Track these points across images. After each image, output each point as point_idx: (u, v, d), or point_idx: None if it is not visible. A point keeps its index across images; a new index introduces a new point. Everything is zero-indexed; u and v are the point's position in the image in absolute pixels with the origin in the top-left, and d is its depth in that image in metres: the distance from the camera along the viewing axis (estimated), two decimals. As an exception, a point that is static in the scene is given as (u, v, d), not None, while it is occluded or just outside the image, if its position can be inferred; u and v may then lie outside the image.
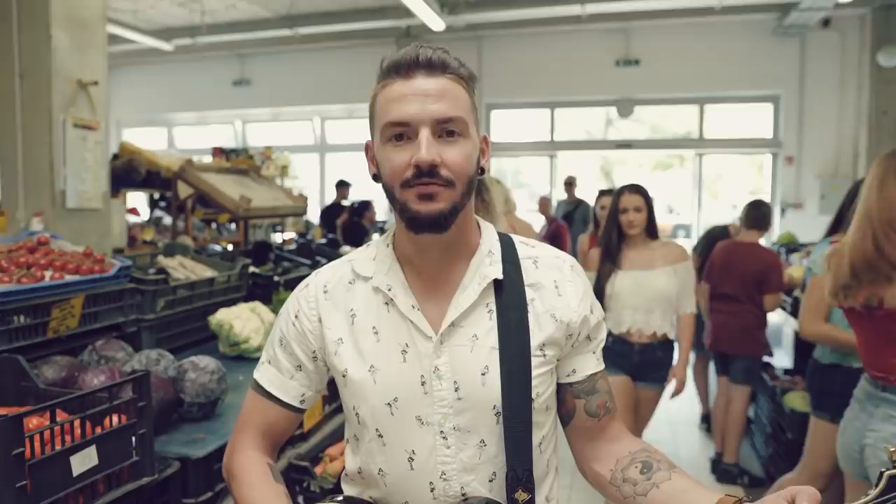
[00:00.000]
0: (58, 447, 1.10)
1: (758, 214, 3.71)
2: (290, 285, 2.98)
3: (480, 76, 8.87)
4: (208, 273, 2.57)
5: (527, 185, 10.33)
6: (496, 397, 0.94)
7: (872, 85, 8.02)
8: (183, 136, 11.39)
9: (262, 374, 1.06)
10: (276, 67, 10.12)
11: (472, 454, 0.95)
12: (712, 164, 9.41)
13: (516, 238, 1.05)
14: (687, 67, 8.53)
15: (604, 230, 2.91)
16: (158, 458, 1.33)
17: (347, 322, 1.00)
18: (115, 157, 4.50)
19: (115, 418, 1.23)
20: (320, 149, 10.65)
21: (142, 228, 4.78)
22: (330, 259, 3.30)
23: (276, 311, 2.53)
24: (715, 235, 4.47)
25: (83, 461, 1.13)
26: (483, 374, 0.95)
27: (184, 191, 3.74)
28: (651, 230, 2.81)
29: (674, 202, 10.06)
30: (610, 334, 2.69)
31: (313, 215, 8.41)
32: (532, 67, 8.78)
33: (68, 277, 1.83)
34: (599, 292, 2.71)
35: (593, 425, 1.03)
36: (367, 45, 9.49)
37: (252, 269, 2.81)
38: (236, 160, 5.03)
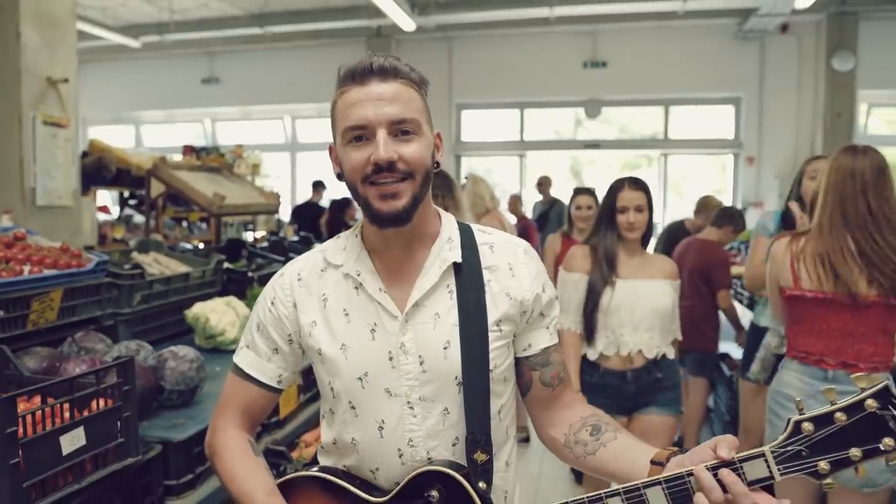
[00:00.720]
0: (48, 427, 1.16)
1: (722, 214, 3.88)
2: (264, 281, 3.02)
3: (450, 76, 9.07)
4: (183, 269, 2.62)
5: (497, 184, 10.46)
6: (457, 369, 1.03)
7: (827, 88, 8.32)
8: (151, 135, 11.27)
9: (242, 357, 1.15)
10: (246, 66, 10.08)
11: (436, 421, 1.04)
12: (679, 164, 9.64)
13: (474, 226, 1.15)
14: (652, 70, 8.74)
15: (595, 231, 2.46)
16: (141, 441, 1.39)
17: (320, 306, 1.09)
18: (85, 154, 4.49)
19: (101, 402, 1.29)
20: (291, 148, 10.64)
21: (112, 226, 4.77)
22: (287, 259, 3.37)
23: (250, 305, 2.59)
24: (674, 230, 4.62)
25: (72, 441, 1.19)
26: (445, 349, 1.04)
27: (156, 189, 3.76)
28: (646, 236, 2.42)
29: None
30: (594, 367, 2.34)
31: (285, 214, 8.43)
32: (502, 68, 8.90)
33: (46, 272, 1.88)
34: (593, 305, 2.34)
35: (548, 394, 1.12)
36: (338, 44, 9.52)
37: (226, 264, 2.86)
38: (207, 158, 5.04)
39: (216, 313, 2.27)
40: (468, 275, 1.07)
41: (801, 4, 7.25)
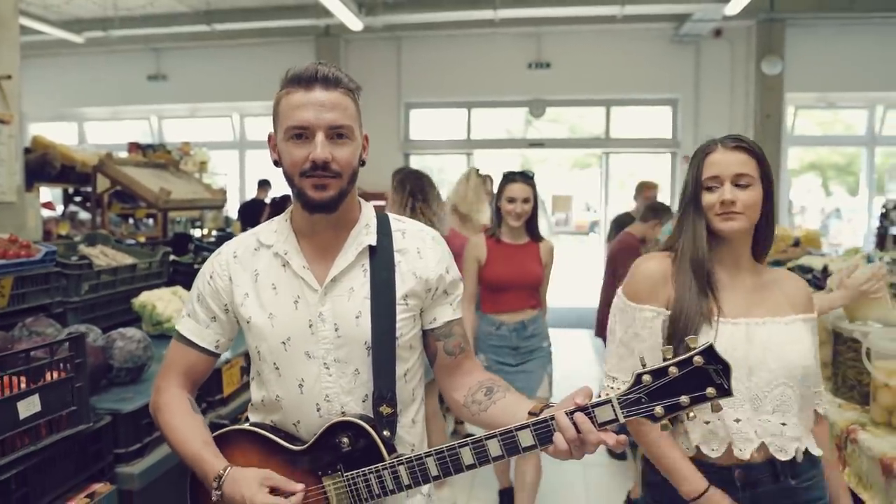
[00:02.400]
0: (6, 394, 1.28)
1: (648, 208, 4.12)
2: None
3: (399, 76, 9.22)
4: (129, 261, 2.71)
5: (449, 181, 10.64)
6: (367, 335, 1.20)
7: (757, 90, 8.78)
8: (95, 131, 11.07)
9: (183, 325, 1.30)
10: (194, 63, 10.01)
11: (348, 380, 1.21)
12: (625, 163, 10.00)
13: (391, 215, 1.32)
14: (594, 71, 9.05)
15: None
16: (93, 411, 1.52)
17: (252, 280, 1.25)
18: (28, 151, 4.48)
19: (54, 374, 1.42)
20: (239, 146, 10.61)
21: (57, 223, 4.76)
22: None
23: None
24: (621, 221, 4.84)
25: (28, 407, 1.31)
26: (357, 318, 1.20)
27: (102, 185, 3.81)
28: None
29: (590, 200, 10.63)
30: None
31: (232, 211, 8.45)
32: (449, 68, 9.09)
33: (-4, 260, 1.97)
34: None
35: (451, 362, 1.29)
36: (286, 42, 9.56)
37: (172, 257, 2.96)
38: (154, 155, 5.08)
39: (162, 301, 2.39)
40: (381, 256, 1.24)
41: (731, 11, 7.64)
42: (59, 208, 5.52)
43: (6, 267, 1.96)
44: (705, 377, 0.99)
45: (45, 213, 5.15)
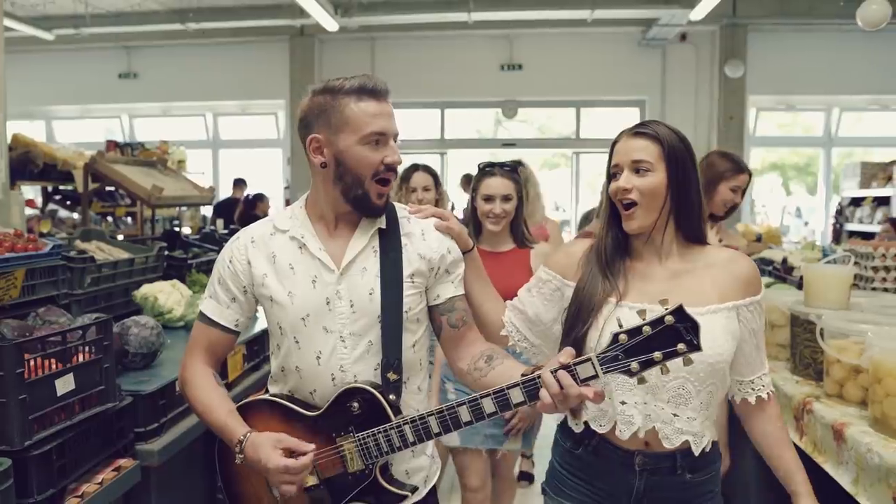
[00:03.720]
0: (46, 372, 1.39)
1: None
2: (201, 267, 3.25)
3: (374, 75, 9.35)
4: (125, 255, 2.80)
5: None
6: (379, 310, 1.33)
7: (721, 93, 9.10)
8: (64, 130, 10.93)
9: (206, 306, 1.43)
10: (166, 61, 9.96)
11: (362, 351, 1.33)
12: (595, 163, 10.23)
13: (396, 204, 1.45)
14: (565, 73, 9.27)
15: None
16: (118, 390, 1.63)
17: (270, 262, 1.37)
18: (9, 149, 4.49)
19: (83, 356, 1.52)
20: (213, 145, 10.60)
21: (39, 220, 4.78)
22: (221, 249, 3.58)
23: (192, 287, 2.80)
24: (588, 217, 5.04)
25: (64, 385, 1.42)
26: (370, 294, 1.33)
27: (79, 182, 3.86)
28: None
29: (560, 200, 10.85)
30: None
31: (207, 209, 8.47)
32: (423, 69, 9.22)
33: (8, 254, 2.05)
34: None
35: (455, 334, 1.42)
36: (261, 42, 9.59)
37: (166, 252, 3.05)
38: (145, 153, 5.13)
39: (164, 293, 2.48)
40: (389, 239, 1.37)
41: (695, 16, 7.92)
42: (39, 205, 5.52)
43: (19, 259, 2.04)
44: (676, 334, 1.08)
45: (27, 210, 5.14)
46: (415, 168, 2.73)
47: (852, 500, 1.75)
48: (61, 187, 5.18)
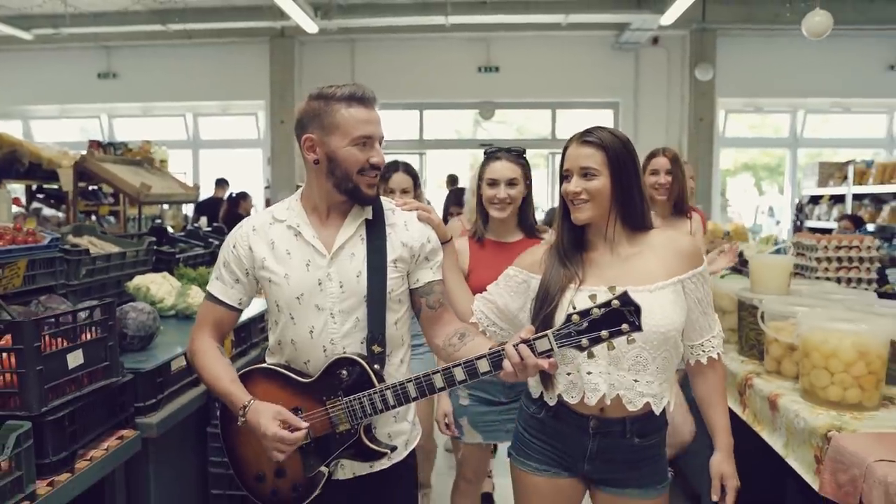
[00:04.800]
0: (59, 347, 1.55)
1: None
2: (188, 262, 3.39)
3: (353, 78, 9.52)
4: (116, 249, 2.93)
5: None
6: (365, 290, 1.50)
7: (691, 95, 9.38)
8: (42, 129, 10.90)
9: (213, 287, 1.60)
10: (145, 61, 10.01)
11: (350, 327, 1.50)
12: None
13: (382, 198, 1.61)
14: (541, 75, 9.51)
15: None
16: (121, 367, 1.78)
17: (269, 248, 1.54)
18: (-5, 148, 4.58)
19: (89, 335, 1.68)
20: (193, 145, 10.67)
21: (24, 218, 4.86)
22: (215, 243, 3.74)
23: (181, 279, 2.94)
24: (552, 213, 5.22)
25: (75, 359, 1.57)
26: (357, 277, 1.51)
27: (67, 181, 3.98)
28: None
29: (536, 199, 11.11)
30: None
31: (189, 209, 8.55)
32: (402, 71, 9.39)
33: (11, 246, 2.19)
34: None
35: (433, 314, 1.59)
36: (240, 43, 9.69)
37: (155, 246, 3.19)
38: (131, 153, 5.24)
39: (155, 284, 2.63)
40: (375, 228, 1.54)
41: (666, 21, 8.19)
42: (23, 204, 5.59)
43: (21, 251, 2.18)
44: (621, 316, 1.25)
45: (13, 209, 5.21)
46: (395, 168, 2.67)
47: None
48: (45, 186, 5.26)
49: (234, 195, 7.41)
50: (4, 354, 1.46)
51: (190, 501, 2.23)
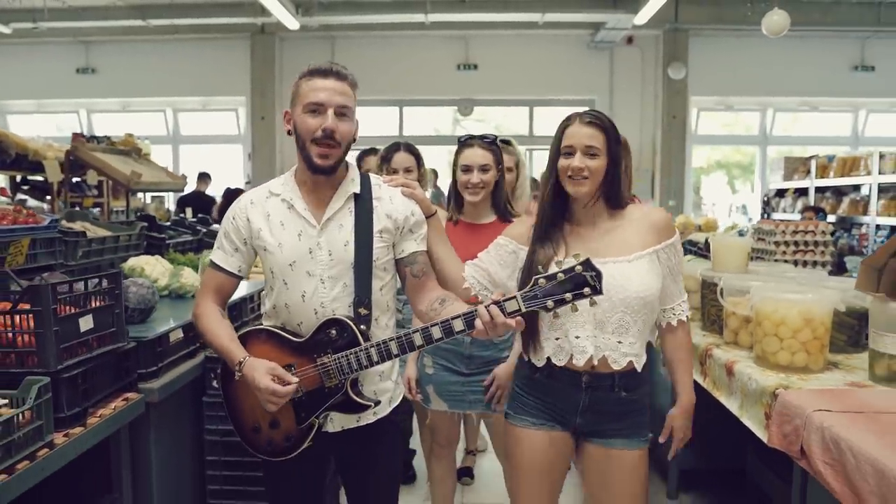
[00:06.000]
0: (73, 311, 1.67)
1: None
2: (178, 247, 3.51)
3: (334, 62, 9.57)
4: (107, 234, 3.04)
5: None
6: (352, 258, 1.62)
7: (665, 93, 9.63)
8: (18, 124, 10.83)
9: (214, 255, 1.72)
10: (124, 57, 10.01)
11: (338, 292, 1.62)
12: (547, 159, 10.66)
13: (371, 175, 1.73)
14: (518, 73, 9.69)
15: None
16: (126, 334, 1.91)
17: (265, 219, 1.66)
18: (-21, 139, 4.62)
19: (99, 301, 1.80)
20: (173, 140, 10.69)
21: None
22: (202, 232, 3.85)
23: (172, 262, 3.06)
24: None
25: (86, 323, 1.70)
26: (345, 245, 1.62)
27: (56, 174, 4.06)
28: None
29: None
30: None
31: (170, 203, 8.59)
32: (382, 68, 9.48)
33: (14, 225, 2.30)
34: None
35: (417, 283, 1.70)
36: (221, 39, 9.73)
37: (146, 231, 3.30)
38: (119, 142, 5.31)
39: (149, 265, 2.74)
40: (362, 201, 1.66)
41: (640, 21, 8.42)
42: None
43: (23, 230, 2.30)
44: (583, 281, 1.37)
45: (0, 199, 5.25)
46: (396, 147, 2.69)
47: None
48: (29, 177, 5.31)
49: (229, 191, 7.51)
50: (23, 316, 1.59)
51: (187, 466, 2.35)
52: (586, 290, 1.36)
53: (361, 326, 1.59)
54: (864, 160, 6.71)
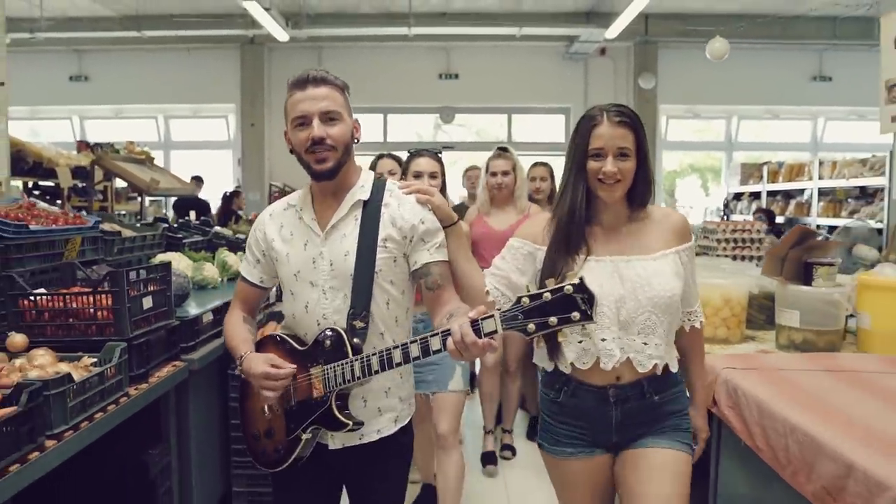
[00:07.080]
0: (138, 293, 2.11)
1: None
2: (192, 245, 3.92)
3: (309, 69, 9.95)
4: (133, 234, 3.45)
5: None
6: (352, 269, 1.55)
7: (636, 102, 10.14)
8: (12, 131, 10.96)
9: (242, 267, 1.79)
10: (117, 65, 10.32)
11: (339, 303, 1.56)
12: (525, 164, 11.07)
13: (390, 181, 1.67)
14: (497, 82, 10.17)
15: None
16: (174, 313, 2.34)
17: (279, 230, 1.67)
18: (-2, 148, 5.00)
19: (154, 286, 2.23)
20: (164, 146, 11.02)
21: (26, 212, 5.28)
22: (204, 234, 4.24)
23: (192, 259, 3.47)
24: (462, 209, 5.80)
25: (147, 303, 2.13)
26: (346, 256, 1.55)
27: (66, 179, 4.46)
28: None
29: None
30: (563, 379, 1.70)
31: (167, 207, 8.94)
32: (367, 77, 9.83)
33: (68, 226, 2.72)
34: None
35: (432, 295, 1.59)
36: (212, 49, 10.07)
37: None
38: (137, 152, 5.70)
39: (175, 260, 3.16)
40: (370, 209, 1.59)
41: (610, 34, 8.93)
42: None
43: (76, 229, 2.71)
44: (573, 304, 1.18)
45: (15, 203, 5.60)
46: (418, 154, 2.70)
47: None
48: (41, 183, 5.69)
49: (227, 193, 7.92)
50: (101, 296, 2.02)
51: (216, 426, 2.78)
52: (574, 314, 1.19)
53: (355, 340, 1.52)
54: (807, 166, 7.31)
